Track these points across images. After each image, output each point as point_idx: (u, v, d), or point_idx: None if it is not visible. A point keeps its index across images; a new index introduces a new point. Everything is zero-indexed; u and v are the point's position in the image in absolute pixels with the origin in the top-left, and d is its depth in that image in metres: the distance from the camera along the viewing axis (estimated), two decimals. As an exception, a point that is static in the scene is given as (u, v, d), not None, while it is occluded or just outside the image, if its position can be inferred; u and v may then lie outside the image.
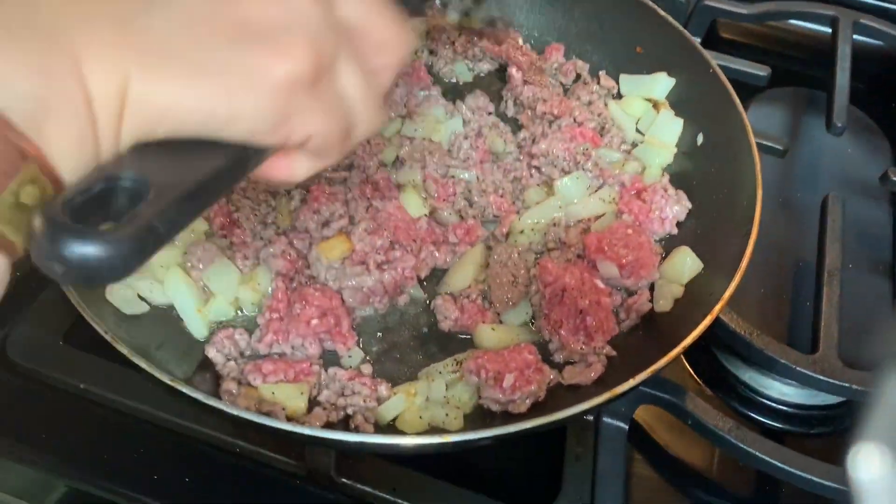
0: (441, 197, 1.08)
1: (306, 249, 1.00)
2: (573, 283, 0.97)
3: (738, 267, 0.94)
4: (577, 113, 1.18)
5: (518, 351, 0.93)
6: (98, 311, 0.86)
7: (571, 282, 0.97)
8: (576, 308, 0.95)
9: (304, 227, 1.00)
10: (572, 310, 0.95)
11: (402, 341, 1.00)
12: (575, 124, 1.17)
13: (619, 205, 1.10)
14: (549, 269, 0.99)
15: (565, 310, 0.96)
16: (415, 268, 0.99)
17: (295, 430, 0.77)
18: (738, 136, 1.08)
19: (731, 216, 1.03)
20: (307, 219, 1.00)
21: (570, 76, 1.27)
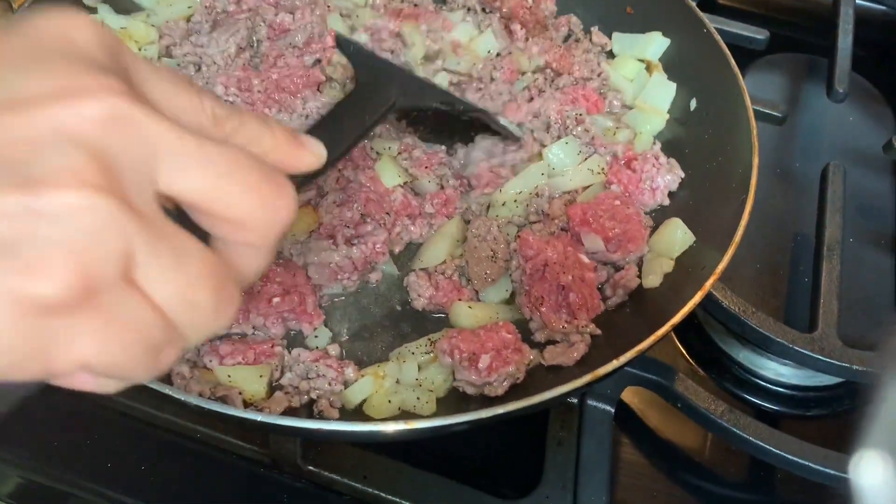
0: (424, 164, 1.01)
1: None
2: (555, 257, 0.90)
3: (732, 240, 0.88)
4: (576, 70, 1.12)
5: (495, 329, 0.87)
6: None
7: (553, 256, 0.90)
8: (558, 284, 0.89)
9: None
10: (554, 286, 0.89)
11: (373, 321, 0.93)
12: (578, 84, 1.11)
13: (607, 175, 1.03)
14: (529, 243, 0.93)
15: (546, 286, 0.89)
16: (387, 242, 0.93)
17: (247, 417, 0.71)
18: (733, 102, 1.01)
19: (726, 186, 0.96)
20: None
21: (561, 31, 1.20)
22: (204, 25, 1.12)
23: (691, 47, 1.10)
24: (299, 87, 1.05)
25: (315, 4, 1.16)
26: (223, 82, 1.04)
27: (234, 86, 1.04)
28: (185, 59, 1.10)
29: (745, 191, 0.90)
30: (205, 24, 1.12)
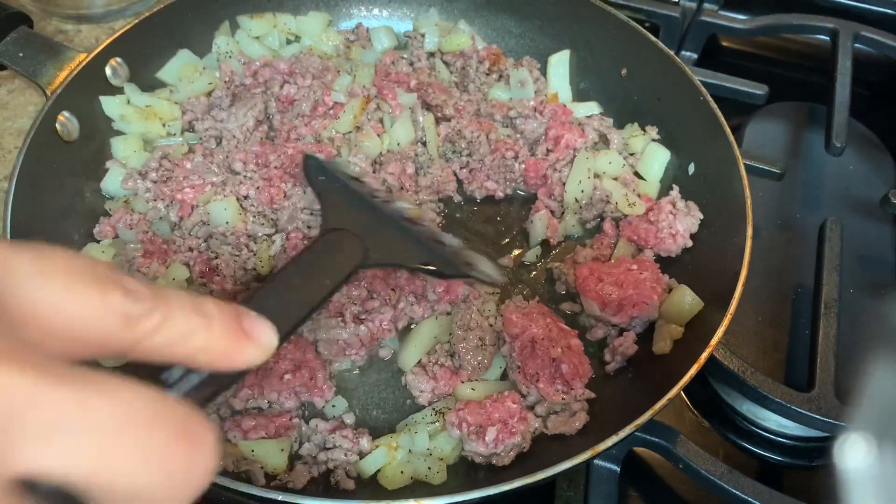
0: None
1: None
2: (541, 332, 0.95)
3: (727, 311, 0.92)
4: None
5: (501, 400, 0.91)
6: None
7: (539, 332, 0.95)
8: (549, 357, 0.93)
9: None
10: (546, 360, 0.93)
11: (383, 389, 0.98)
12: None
13: (625, 234, 1.09)
14: (513, 322, 0.97)
15: (539, 361, 0.93)
16: (393, 319, 0.98)
17: (269, 497, 0.75)
18: (729, 171, 1.05)
19: (724, 252, 1.00)
20: (284, 269, 0.99)
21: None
22: (224, 100, 1.18)
23: (689, 113, 1.14)
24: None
25: (325, 69, 1.21)
26: (241, 158, 1.10)
27: (252, 162, 1.10)
28: (207, 134, 1.16)
29: (739, 262, 0.94)
30: (225, 99, 1.18)
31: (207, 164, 1.09)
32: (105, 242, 1.04)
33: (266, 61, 1.22)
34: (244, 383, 0.91)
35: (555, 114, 1.20)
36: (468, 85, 1.26)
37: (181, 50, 1.22)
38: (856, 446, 0.36)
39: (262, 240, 1.04)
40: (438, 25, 1.31)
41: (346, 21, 1.34)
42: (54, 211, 1.03)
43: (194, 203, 1.06)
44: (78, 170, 1.08)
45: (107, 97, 1.13)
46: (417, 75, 1.24)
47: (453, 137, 1.18)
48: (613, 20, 1.22)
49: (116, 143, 1.13)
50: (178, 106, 1.17)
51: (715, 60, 1.56)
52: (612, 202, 1.12)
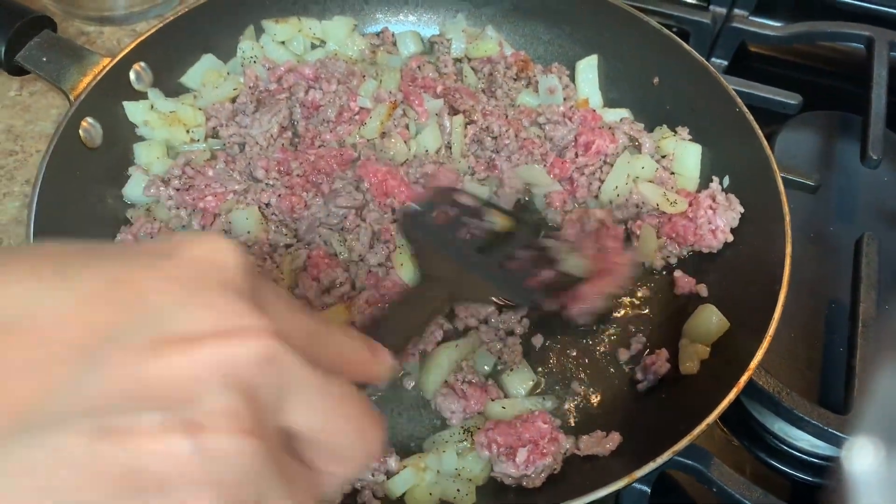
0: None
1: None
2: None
3: (766, 331, 0.89)
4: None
5: (531, 420, 0.89)
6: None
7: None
8: None
9: (304, 294, 0.97)
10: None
11: (410, 406, 0.96)
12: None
13: (664, 232, 1.08)
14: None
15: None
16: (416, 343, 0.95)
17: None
18: (765, 184, 1.02)
19: (759, 270, 0.98)
20: (306, 287, 0.96)
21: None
22: (248, 106, 1.16)
23: (724, 124, 1.11)
24: (333, 167, 1.08)
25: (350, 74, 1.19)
26: (263, 166, 1.08)
27: (274, 169, 1.08)
28: (231, 140, 1.14)
29: (777, 281, 0.91)
30: (249, 105, 1.17)
31: (229, 172, 1.07)
32: (127, 251, 1.02)
33: (291, 66, 1.20)
34: None
35: (584, 119, 1.17)
36: (496, 90, 1.23)
37: (205, 55, 1.20)
38: (863, 450, 0.35)
39: (283, 251, 1.02)
40: (465, 31, 1.29)
41: (372, 26, 1.32)
42: (77, 218, 1.01)
43: (216, 212, 1.04)
44: (100, 176, 1.07)
45: (131, 102, 1.11)
46: (444, 81, 1.21)
47: (480, 136, 1.15)
48: (645, 27, 1.19)
49: (139, 148, 1.11)
50: (203, 112, 1.15)
51: (744, 66, 1.53)
52: (652, 204, 1.10)
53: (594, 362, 1.01)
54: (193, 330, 0.43)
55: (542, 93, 1.23)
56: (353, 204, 1.03)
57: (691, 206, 1.07)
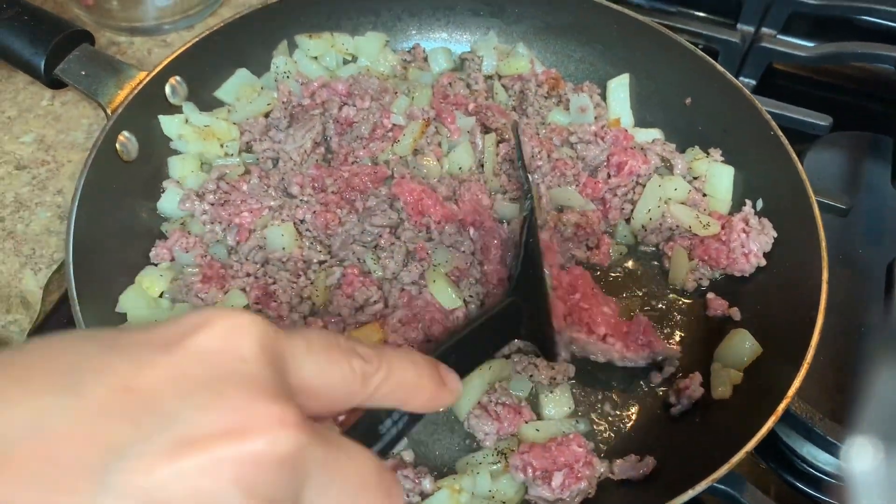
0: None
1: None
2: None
3: (804, 359, 0.89)
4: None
5: (566, 443, 0.89)
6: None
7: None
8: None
9: (338, 312, 0.97)
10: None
11: (442, 426, 0.96)
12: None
13: (697, 254, 1.07)
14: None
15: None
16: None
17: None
18: (800, 208, 1.02)
19: (795, 296, 0.97)
20: (340, 305, 0.97)
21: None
22: (282, 121, 1.17)
23: (757, 146, 1.11)
24: (367, 184, 1.08)
25: (383, 90, 1.20)
26: (298, 182, 1.09)
27: (308, 186, 1.08)
28: (265, 155, 1.15)
29: (814, 307, 0.91)
30: (283, 120, 1.17)
31: (264, 187, 1.08)
32: (163, 266, 1.03)
33: (324, 82, 1.21)
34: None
35: (616, 139, 1.17)
36: (527, 108, 1.24)
37: (239, 69, 1.21)
38: (862, 450, 0.36)
39: (317, 267, 1.02)
40: (497, 48, 1.29)
41: (404, 42, 1.32)
42: (112, 231, 1.02)
43: (252, 227, 1.05)
44: (136, 190, 1.07)
45: (166, 116, 1.12)
46: (475, 98, 1.22)
47: (512, 155, 1.15)
48: (677, 47, 1.19)
49: (174, 162, 1.12)
50: (237, 126, 1.16)
51: (771, 86, 1.52)
52: (685, 226, 1.10)
53: (626, 385, 1.00)
54: (210, 431, 0.42)
55: (574, 111, 1.23)
56: (388, 223, 1.03)
57: (724, 229, 1.07)
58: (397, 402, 0.56)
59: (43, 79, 1.07)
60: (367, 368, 0.52)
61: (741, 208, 1.11)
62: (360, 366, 0.51)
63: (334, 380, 0.51)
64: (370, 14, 1.29)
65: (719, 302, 1.05)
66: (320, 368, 0.50)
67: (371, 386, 0.52)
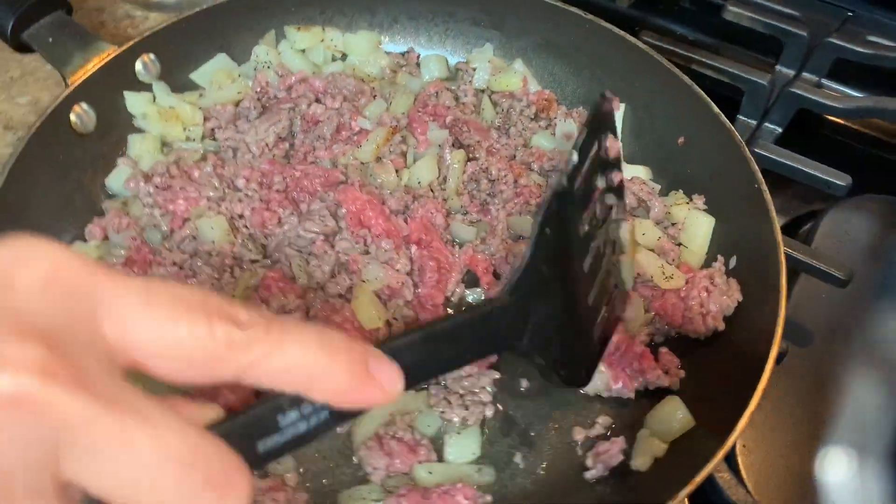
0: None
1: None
2: None
3: (732, 430, 0.79)
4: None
5: (451, 493, 0.81)
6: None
7: None
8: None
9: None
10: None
11: (337, 455, 0.90)
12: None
13: (654, 307, 0.98)
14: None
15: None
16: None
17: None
18: (769, 278, 0.92)
19: (740, 368, 0.87)
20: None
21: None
22: (252, 112, 1.14)
23: (741, 200, 1.01)
24: (316, 187, 1.04)
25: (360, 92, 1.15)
26: (245, 175, 1.05)
27: (255, 181, 1.05)
28: (226, 144, 1.12)
29: (751, 387, 0.81)
30: (253, 111, 1.14)
31: (210, 177, 1.04)
32: (92, 244, 1.01)
33: (303, 76, 1.17)
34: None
35: None
36: (509, 128, 1.17)
37: (220, 54, 1.18)
38: (836, 460, 0.34)
39: (248, 265, 0.98)
40: (492, 62, 1.22)
41: (399, 45, 1.27)
42: (48, 201, 1.01)
43: (186, 216, 1.02)
44: (86, 163, 1.06)
45: (131, 93, 1.10)
46: (456, 111, 1.15)
47: (478, 175, 1.09)
48: (678, 83, 1.10)
49: (133, 140, 1.10)
50: (201, 112, 1.13)
51: (801, 132, 1.39)
52: (647, 274, 1.01)
53: (544, 436, 0.92)
54: None
55: (559, 137, 1.15)
56: (322, 230, 0.99)
57: (688, 284, 0.97)
58: (295, 386, 0.47)
59: (9, 41, 1.07)
60: (238, 336, 0.44)
61: (712, 264, 1.01)
62: (227, 331, 0.44)
63: (181, 342, 0.44)
64: (366, 13, 1.24)
65: (670, 359, 0.96)
66: (158, 325, 0.44)
67: (244, 358, 0.45)
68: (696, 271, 1.00)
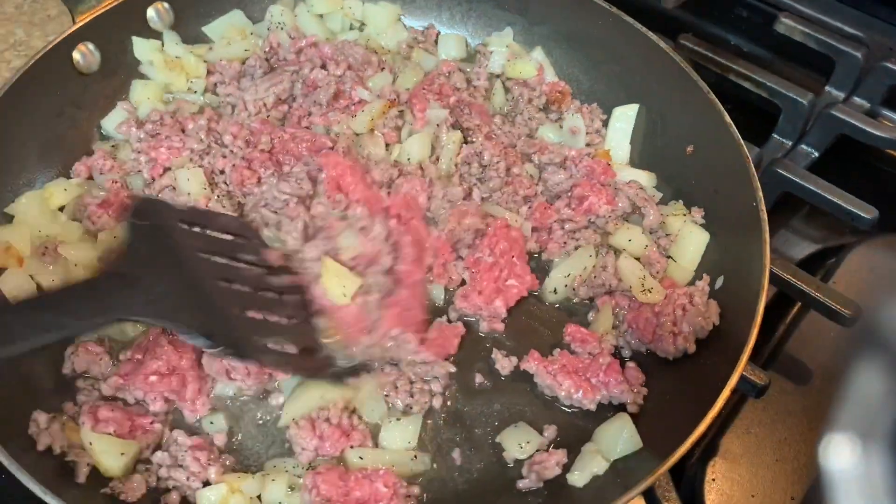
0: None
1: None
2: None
3: (664, 462, 0.74)
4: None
5: (371, 478, 0.79)
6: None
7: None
8: None
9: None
10: None
11: (271, 425, 0.88)
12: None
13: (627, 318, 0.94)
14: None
15: None
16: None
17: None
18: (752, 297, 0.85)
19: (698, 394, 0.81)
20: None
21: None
22: (257, 70, 1.13)
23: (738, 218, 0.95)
24: (302, 151, 1.02)
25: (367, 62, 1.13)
26: (233, 132, 1.04)
27: (242, 138, 1.03)
28: (226, 100, 1.11)
29: (700, 415, 0.75)
30: (258, 70, 1.13)
31: (200, 129, 1.03)
32: (74, 181, 1.01)
33: (314, 41, 1.15)
34: (121, 370, 0.85)
35: (591, 171, 1.04)
36: (515, 116, 1.12)
37: (235, 10, 1.17)
38: (840, 447, 0.36)
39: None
40: (510, 47, 1.18)
41: (420, 20, 1.24)
42: (42, 135, 1.02)
43: (167, 165, 1.01)
44: (84, 102, 1.06)
45: (140, 39, 1.10)
46: (463, 94, 1.12)
47: (471, 159, 1.05)
48: (695, 90, 1.04)
49: (136, 85, 1.10)
50: (206, 65, 1.12)
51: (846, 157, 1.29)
52: (626, 284, 0.96)
53: (484, 435, 0.88)
54: None
55: (565, 131, 1.11)
56: (295, 192, 0.96)
57: (665, 299, 0.92)
58: None
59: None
60: None
61: (695, 282, 0.94)
62: None
63: None
64: (391, -16, 1.22)
65: (636, 375, 0.90)
66: None
67: None
68: (677, 287, 0.94)
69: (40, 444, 0.78)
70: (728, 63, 1.28)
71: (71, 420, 0.83)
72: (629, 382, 0.89)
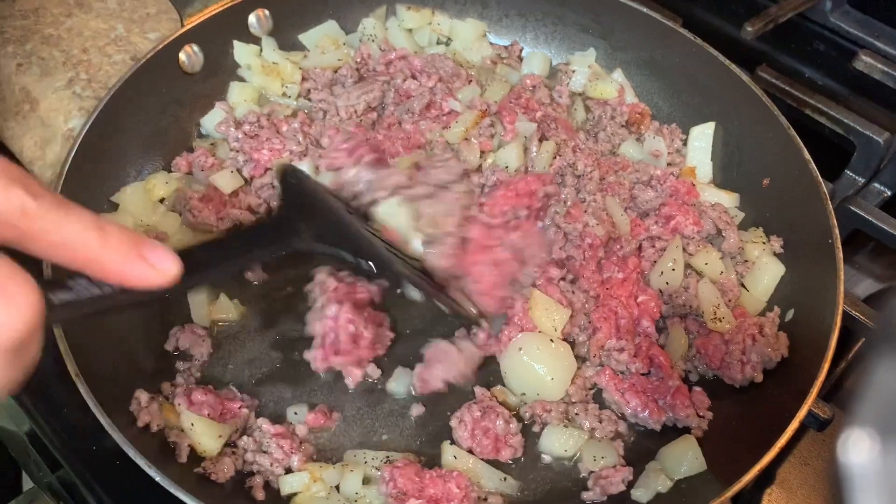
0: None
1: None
2: None
3: (738, 481, 0.77)
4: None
5: (445, 478, 0.82)
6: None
7: None
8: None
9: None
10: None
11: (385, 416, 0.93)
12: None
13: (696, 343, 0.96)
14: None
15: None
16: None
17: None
18: (823, 332, 0.87)
19: (763, 424, 0.84)
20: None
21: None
22: (348, 79, 1.18)
23: (814, 253, 0.97)
24: (398, 148, 1.07)
25: (455, 75, 1.17)
26: (331, 134, 1.09)
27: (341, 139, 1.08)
28: (318, 105, 1.16)
29: (767, 445, 0.78)
30: (349, 79, 1.18)
31: (296, 132, 1.09)
32: (175, 175, 1.07)
33: (404, 53, 1.20)
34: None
35: (676, 191, 1.07)
36: (598, 133, 1.16)
37: (330, 20, 1.23)
38: (859, 442, 0.35)
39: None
40: (592, 67, 1.21)
41: (504, 38, 1.28)
42: (147, 129, 1.08)
43: (268, 165, 1.07)
44: (186, 101, 1.13)
45: (241, 43, 1.16)
46: (549, 108, 1.15)
47: (564, 171, 1.09)
48: (777, 126, 1.06)
49: (234, 87, 1.16)
50: (301, 72, 1.18)
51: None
52: (700, 309, 0.98)
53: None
54: None
55: (647, 153, 1.14)
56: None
57: (735, 328, 0.94)
58: (71, 261, 0.54)
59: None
60: (30, 205, 0.51)
61: (766, 313, 0.97)
62: (22, 198, 0.50)
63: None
64: (478, 3, 1.26)
65: (702, 399, 0.93)
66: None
67: (32, 226, 0.51)
68: (748, 316, 0.96)
69: (140, 422, 0.84)
70: (804, 97, 1.29)
71: (166, 400, 0.88)
72: (695, 406, 0.92)
